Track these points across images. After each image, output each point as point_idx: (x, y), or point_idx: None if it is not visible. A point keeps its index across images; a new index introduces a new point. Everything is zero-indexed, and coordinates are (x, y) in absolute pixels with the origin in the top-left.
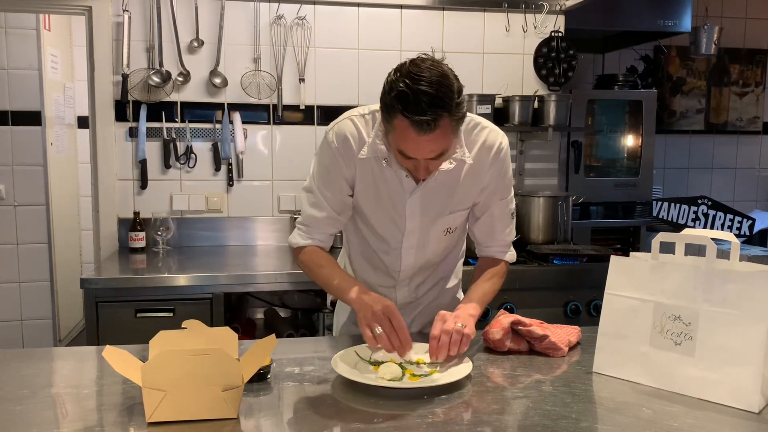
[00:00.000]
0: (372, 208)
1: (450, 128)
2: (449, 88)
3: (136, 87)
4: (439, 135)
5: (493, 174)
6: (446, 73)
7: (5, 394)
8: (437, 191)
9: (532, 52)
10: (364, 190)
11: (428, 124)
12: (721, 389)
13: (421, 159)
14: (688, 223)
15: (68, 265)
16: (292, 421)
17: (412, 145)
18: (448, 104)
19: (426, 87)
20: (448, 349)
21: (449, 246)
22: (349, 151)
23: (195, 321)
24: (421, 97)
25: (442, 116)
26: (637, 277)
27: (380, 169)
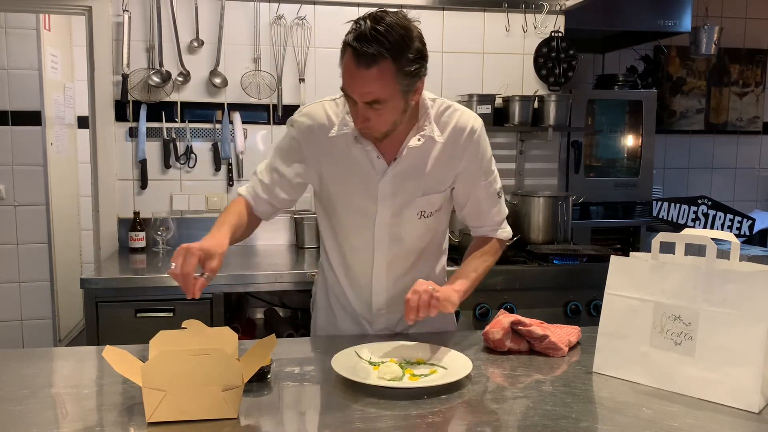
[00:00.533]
0: (343, 191)
1: (391, 75)
2: (404, 37)
3: (136, 87)
4: (377, 76)
5: (469, 157)
6: (409, 28)
7: (5, 394)
8: (409, 172)
9: (532, 52)
10: (335, 173)
11: (366, 58)
12: (721, 389)
13: (358, 100)
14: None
15: (68, 265)
16: (292, 421)
17: (349, 79)
18: (396, 50)
19: (381, 27)
20: (417, 310)
21: (425, 234)
22: (314, 134)
23: (195, 321)
24: (371, 32)
25: (384, 57)
26: (637, 277)
27: (350, 150)
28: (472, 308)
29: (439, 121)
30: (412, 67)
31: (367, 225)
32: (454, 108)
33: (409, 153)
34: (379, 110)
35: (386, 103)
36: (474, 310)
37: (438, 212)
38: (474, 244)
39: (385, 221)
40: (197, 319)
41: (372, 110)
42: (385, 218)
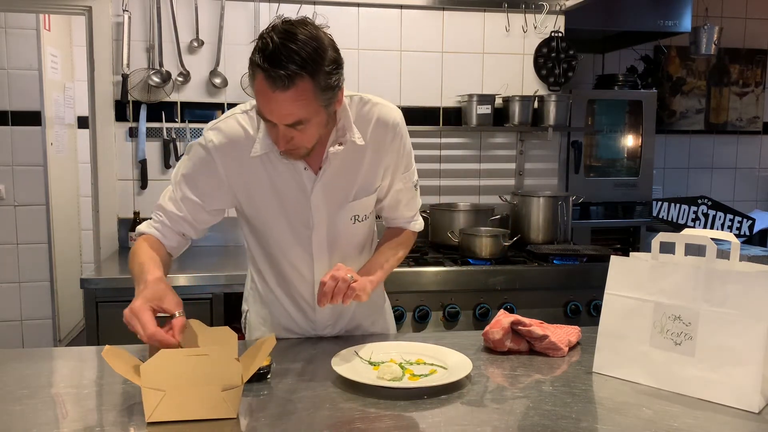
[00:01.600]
0: (274, 210)
1: (311, 94)
2: (317, 51)
3: (136, 87)
4: (296, 96)
5: (394, 151)
6: (320, 38)
7: (5, 394)
8: (339, 178)
9: (532, 52)
10: (261, 193)
11: (282, 80)
12: (721, 389)
13: (278, 124)
14: (688, 223)
15: (68, 265)
16: (292, 421)
17: (265, 103)
18: (312, 66)
19: (291, 44)
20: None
21: (361, 238)
22: (233, 152)
23: (195, 321)
24: (282, 51)
25: (301, 76)
26: (637, 277)
27: (275, 168)
28: (472, 308)
29: (360, 119)
30: (331, 79)
31: (304, 238)
32: (373, 102)
33: (334, 159)
34: (302, 129)
35: (310, 120)
36: (474, 310)
37: (371, 215)
38: (387, 234)
39: (322, 232)
40: (197, 319)
41: (294, 130)
42: (321, 229)
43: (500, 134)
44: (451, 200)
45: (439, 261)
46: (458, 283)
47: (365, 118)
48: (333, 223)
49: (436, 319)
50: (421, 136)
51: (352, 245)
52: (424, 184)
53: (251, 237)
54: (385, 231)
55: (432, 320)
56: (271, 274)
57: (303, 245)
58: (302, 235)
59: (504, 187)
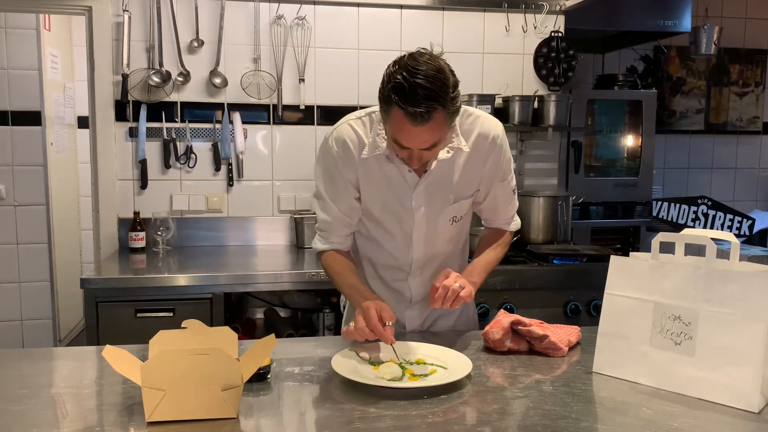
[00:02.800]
0: (379, 206)
1: (443, 120)
2: (444, 82)
3: (136, 87)
4: (433, 127)
5: (493, 162)
6: (443, 68)
7: (5, 394)
8: (440, 182)
9: (532, 52)
10: (370, 190)
11: (422, 116)
12: (721, 389)
13: (414, 149)
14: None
15: (68, 265)
16: (292, 421)
17: (406, 135)
18: (443, 98)
19: (422, 80)
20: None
21: (456, 235)
22: (349, 155)
23: (195, 321)
24: (417, 89)
25: (436, 109)
26: (637, 277)
27: (382, 167)
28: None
29: (463, 130)
30: (456, 103)
31: (405, 232)
32: (476, 115)
33: (439, 165)
34: (435, 149)
35: (442, 142)
36: None
37: (467, 214)
38: (488, 235)
39: (421, 229)
40: (197, 319)
41: (428, 152)
42: (421, 226)
43: None
44: None
45: None
46: None
47: (468, 129)
48: (433, 222)
49: None
50: None
51: (447, 242)
52: None
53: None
54: (485, 231)
55: None
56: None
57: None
58: (405, 230)
59: None
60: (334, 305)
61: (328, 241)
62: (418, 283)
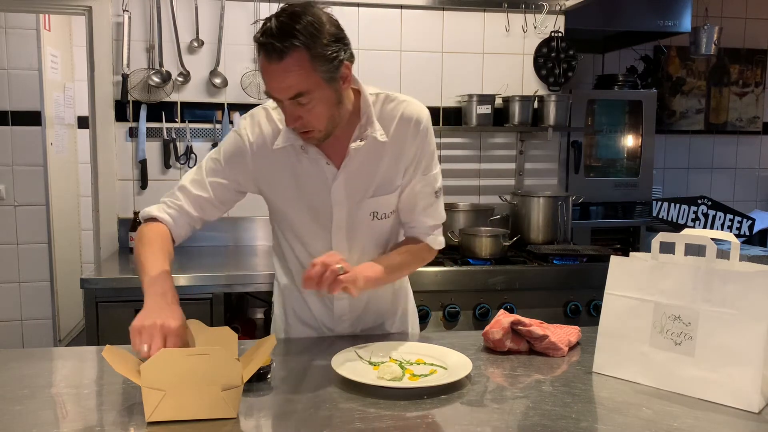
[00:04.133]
0: (294, 202)
1: (307, 63)
2: (314, 25)
3: (136, 87)
4: (290, 67)
5: (416, 149)
6: (318, 14)
7: (5, 394)
8: (360, 173)
9: (532, 52)
10: (283, 185)
11: (278, 51)
12: (721, 389)
13: (282, 98)
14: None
15: (68, 265)
16: (292, 421)
17: (266, 78)
18: (308, 38)
19: (285, 18)
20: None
21: (381, 235)
22: (260, 143)
23: (195, 321)
24: (278, 25)
25: (295, 47)
26: (637, 277)
27: (299, 161)
28: (472, 308)
29: (384, 116)
30: (328, 51)
31: (325, 231)
32: (400, 99)
33: (355, 155)
34: (308, 105)
35: (311, 94)
36: (474, 310)
37: (393, 213)
38: (401, 242)
39: (342, 226)
40: (197, 319)
41: (300, 107)
42: (342, 223)
43: (500, 134)
44: (451, 200)
45: (439, 261)
46: (458, 283)
47: (390, 115)
48: (353, 218)
49: (436, 319)
50: None
51: (372, 242)
52: None
53: (276, 227)
54: (403, 240)
55: (432, 320)
56: (294, 265)
57: (324, 238)
58: (323, 228)
59: (504, 187)
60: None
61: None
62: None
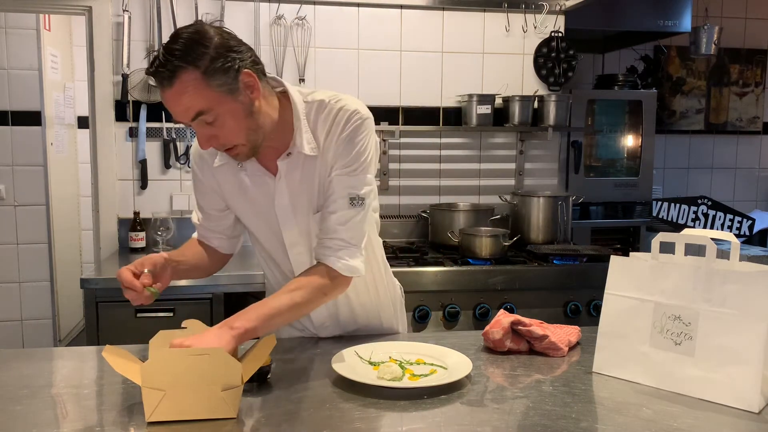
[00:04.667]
0: (249, 213)
1: (199, 83)
2: (197, 41)
3: (136, 87)
4: (184, 89)
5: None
6: (201, 30)
7: (5, 394)
8: (301, 186)
9: (532, 52)
10: (236, 202)
11: (166, 77)
12: (721, 389)
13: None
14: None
15: (68, 265)
16: (292, 421)
17: (166, 104)
18: (191, 55)
19: (169, 42)
20: None
21: None
22: (204, 164)
23: (195, 321)
24: (162, 50)
25: (181, 67)
26: (637, 277)
27: (238, 175)
28: (472, 308)
29: (318, 121)
30: (218, 63)
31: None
32: (336, 100)
33: (288, 169)
34: (215, 122)
35: (213, 111)
36: (474, 310)
37: None
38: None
39: (294, 234)
40: (197, 319)
41: (209, 126)
42: (293, 232)
43: (500, 134)
44: (451, 200)
45: (439, 261)
46: (458, 283)
47: (324, 118)
48: (305, 227)
49: (436, 319)
50: (421, 136)
51: None
52: (424, 184)
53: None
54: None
55: (432, 320)
56: (268, 270)
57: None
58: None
59: (504, 187)
60: None
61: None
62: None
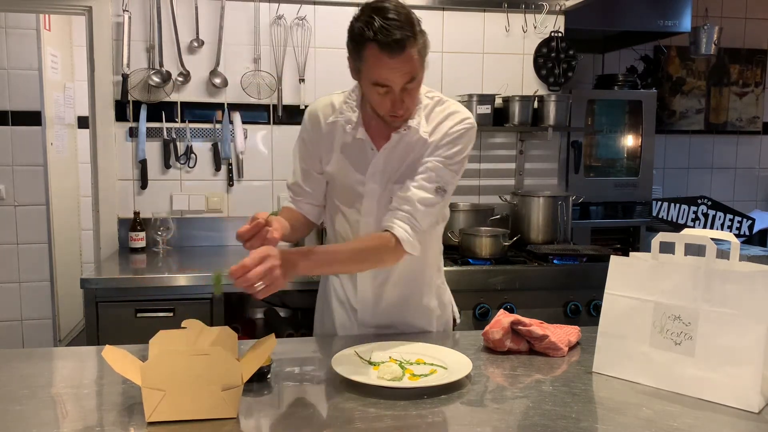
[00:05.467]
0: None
1: (417, 52)
2: (410, 15)
3: (136, 87)
4: (408, 58)
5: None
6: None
7: (5, 394)
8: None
9: (532, 52)
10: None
11: (399, 44)
12: (721, 389)
13: (395, 88)
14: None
15: (68, 265)
16: (292, 421)
17: (385, 71)
18: (412, 29)
19: (391, 14)
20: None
21: None
22: (317, 128)
23: (195, 321)
24: (388, 20)
25: (409, 38)
26: (637, 277)
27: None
28: (472, 308)
29: (430, 116)
30: (425, 37)
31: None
32: (449, 104)
33: (398, 141)
34: (411, 89)
35: (418, 78)
36: (474, 310)
37: None
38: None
39: (372, 207)
40: (197, 319)
41: (406, 92)
42: (372, 204)
43: (500, 134)
44: (452, 200)
45: None
46: (458, 283)
47: (436, 117)
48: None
49: None
50: None
51: None
52: None
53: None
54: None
55: None
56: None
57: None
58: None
59: (504, 187)
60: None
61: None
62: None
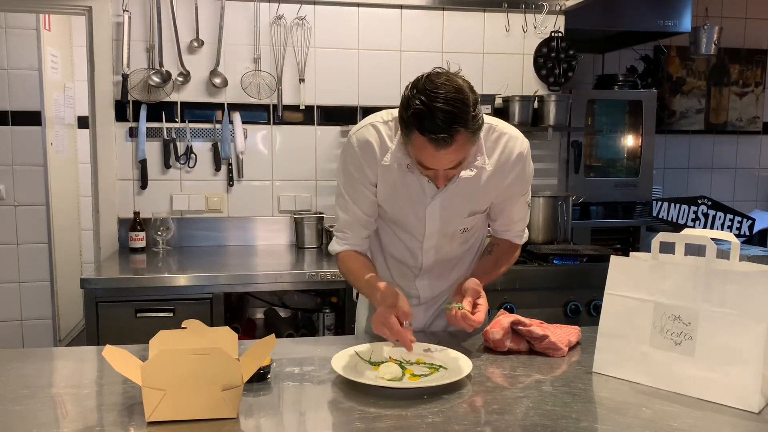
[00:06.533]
0: (393, 210)
1: (467, 140)
2: (464, 102)
3: (136, 87)
4: (457, 149)
5: (514, 179)
6: (461, 87)
7: (5, 394)
8: (458, 196)
9: (532, 52)
10: (386, 194)
11: (445, 141)
12: (721, 389)
13: (440, 169)
14: (688, 223)
15: (68, 265)
16: (292, 421)
17: (430, 159)
18: (464, 119)
19: (442, 104)
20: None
21: (466, 241)
22: (370, 157)
23: (195, 321)
24: (437, 114)
25: (458, 131)
26: (637, 277)
27: (402, 175)
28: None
29: (487, 145)
30: (478, 121)
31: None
32: (500, 132)
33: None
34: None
35: (467, 159)
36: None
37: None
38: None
39: (432, 239)
40: (197, 319)
41: (453, 170)
42: (432, 237)
43: None
44: None
45: None
46: None
47: (491, 147)
48: (444, 233)
49: None
50: None
51: (455, 247)
52: None
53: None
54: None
55: None
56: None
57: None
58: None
59: None
60: (334, 305)
61: (346, 242)
62: (426, 285)
